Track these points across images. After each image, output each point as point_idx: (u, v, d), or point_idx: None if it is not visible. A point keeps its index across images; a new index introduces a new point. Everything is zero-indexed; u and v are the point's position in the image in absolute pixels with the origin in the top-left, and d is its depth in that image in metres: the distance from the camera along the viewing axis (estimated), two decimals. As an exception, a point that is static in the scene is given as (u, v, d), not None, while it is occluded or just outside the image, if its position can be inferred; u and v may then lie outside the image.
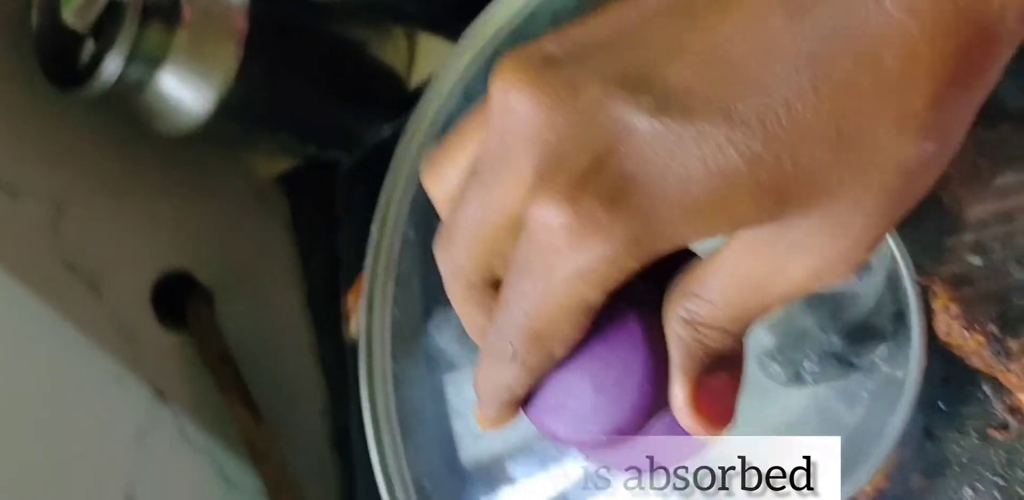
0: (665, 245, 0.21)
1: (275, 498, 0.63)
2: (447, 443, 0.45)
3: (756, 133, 0.19)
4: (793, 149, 0.20)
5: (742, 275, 0.22)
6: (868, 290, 0.32)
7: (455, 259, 0.24)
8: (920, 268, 0.31)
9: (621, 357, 0.25)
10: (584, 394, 0.25)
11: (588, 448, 0.27)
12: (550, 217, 0.20)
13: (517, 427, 0.32)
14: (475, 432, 0.45)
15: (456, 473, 0.45)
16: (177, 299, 0.64)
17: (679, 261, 0.24)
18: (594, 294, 0.22)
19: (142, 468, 0.59)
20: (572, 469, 0.41)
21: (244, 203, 0.70)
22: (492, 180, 0.22)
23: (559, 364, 0.25)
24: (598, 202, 0.20)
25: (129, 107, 0.55)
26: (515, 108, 0.21)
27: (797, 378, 0.34)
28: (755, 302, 0.22)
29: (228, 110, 0.54)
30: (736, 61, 0.20)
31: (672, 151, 0.20)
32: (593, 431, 0.26)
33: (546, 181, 0.21)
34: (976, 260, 0.29)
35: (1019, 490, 0.31)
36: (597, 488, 0.40)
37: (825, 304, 0.33)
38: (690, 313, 0.23)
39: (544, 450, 0.42)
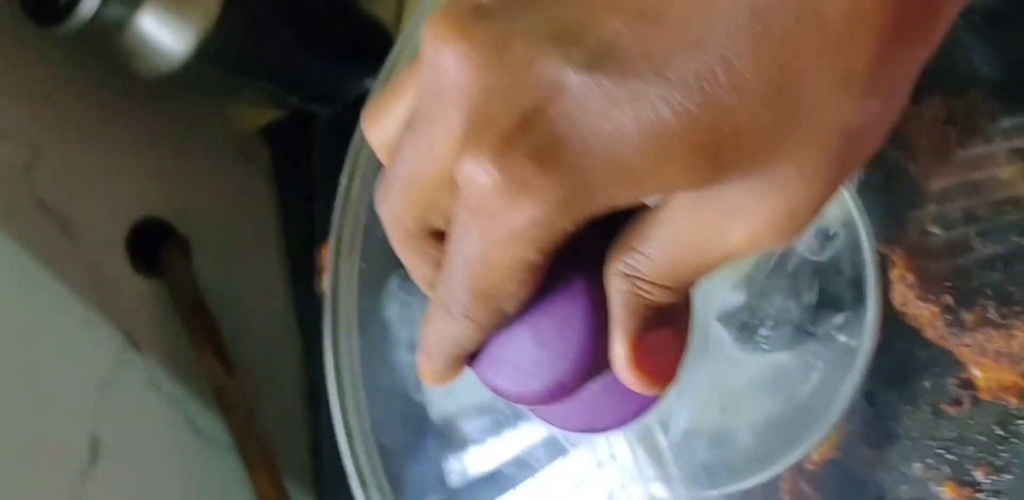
0: (598, 207, 0.20)
1: (242, 448, 0.64)
2: (412, 396, 0.45)
3: (692, 92, 0.18)
4: (730, 109, 0.19)
5: (681, 234, 0.21)
6: (828, 258, 0.32)
7: (392, 208, 0.24)
8: (881, 237, 0.30)
9: (563, 312, 0.24)
10: (525, 348, 0.25)
11: (531, 404, 0.27)
12: (477, 176, 0.20)
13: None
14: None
15: (418, 428, 0.45)
16: (153, 246, 0.64)
17: (631, 213, 0.24)
18: (532, 254, 0.21)
19: (109, 414, 0.59)
20: (531, 431, 0.41)
21: (226, 153, 0.69)
22: (424, 135, 0.21)
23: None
24: (526, 161, 0.19)
25: (109, 47, 0.54)
26: (443, 63, 0.20)
27: (752, 344, 0.34)
28: (694, 261, 0.22)
29: (208, 54, 0.53)
30: (673, 16, 0.19)
31: (604, 110, 0.19)
32: (534, 386, 0.25)
33: (472, 139, 0.20)
34: (937, 231, 0.29)
35: (969, 467, 0.31)
36: (552, 452, 0.40)
37: (784, 271, 0.32)
38: (629, 268, 0.22)
39: (506, 409, 0.42)
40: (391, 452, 0.45)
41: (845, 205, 0.30)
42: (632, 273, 0.22)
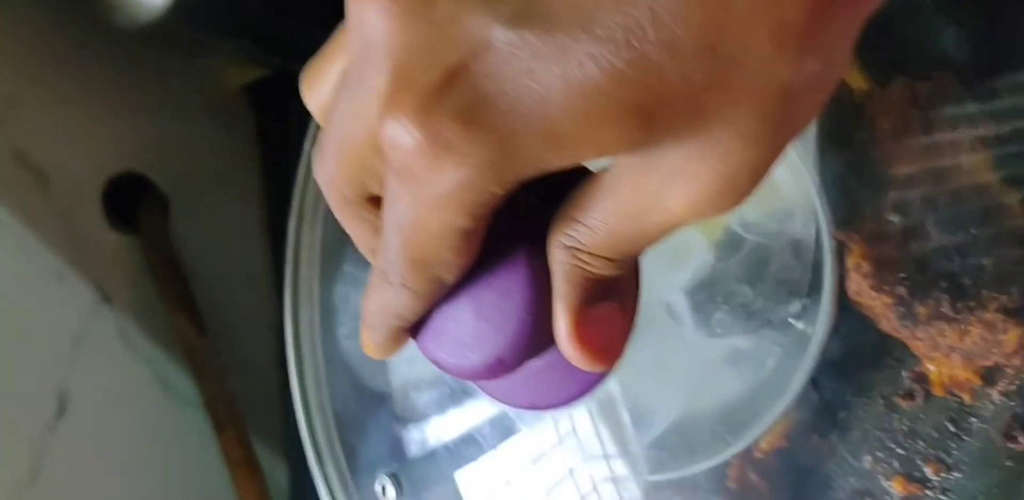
0: (527, 170, 0.20)
1: (211, 410, 0.63)
2: (370, 368, 0.45)
3: (619, 48, 0.18)
4: (660, 67, 0.18)
5: (621, 203, 0.21)
6: (786, 242, 0.31)
7: (327, 173, 0.23)
8: (839, 222, 0.29)
9: (504, 285, 0.24)
10: (465, 321, 0.25)
11: (470, 378, 0.27)
12: (400, 138, 0.19)
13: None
14: (406, 357, 0.44)
15: (376, 400, 0.44)
16: (131, 202, 0.63)
17: (578, 180, 0.23)
18: (463, 220, 0.21)
19: (79, 368, 0.59)
20: (491, 403, 0.40)
21: (208, 110, 0.68)
22: (353, 96, 0.21)
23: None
24: (449, 122, 0.19)
25: (86, -1, 0.53)
26: (368, 19, 0.20)
27: (707, 328, 0.33)
28: (636, 231, 0.21)
29: (186, 8, 0.52)
30: None
31: (530, 67, 0.18)
32: (473, 360, 0.25)
33: (395, 99, 0.19)
34: (896, 219, 0.28)
35: (919, 463, 0.30)
36: (512, 425, 0.39)
37: (743, 254, 0.32)
38: (571, 240, 0.22)
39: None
40: (348, 424, 0.45)
41: (805, 187, 0.30)
42: (574, 245, 0.22)
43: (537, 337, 0.24)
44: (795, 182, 0.30)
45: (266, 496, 0.63)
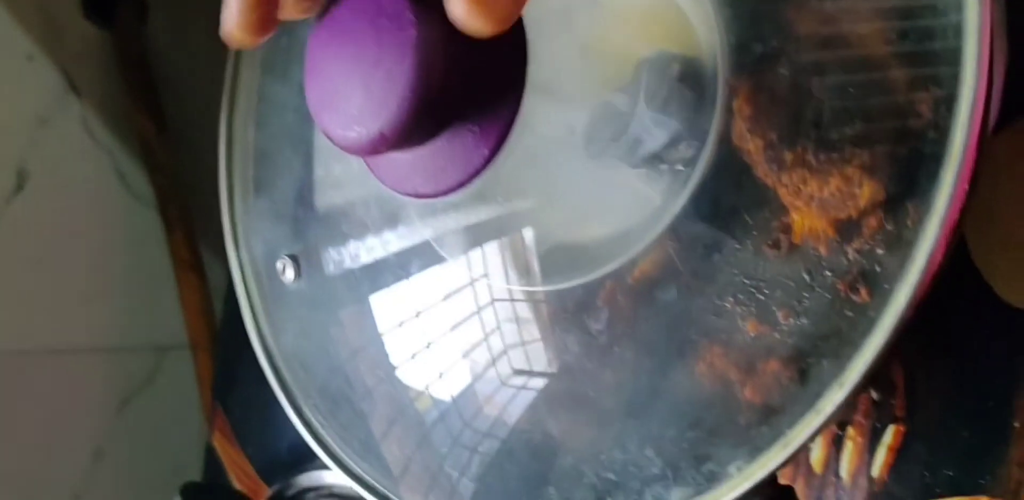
0: None
1: (163, 209, 0.66)
2: (303, 187, 0.46)
3: None
4: None
5: None
6: (687, 84, 0.32)
7: None
8: (735, 68, 0.31)
9: (391, 65, 0.26)
10: (354, 96, 0.27)
11: (356, 152, 0.29)
12: None
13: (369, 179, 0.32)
14: (332, 179, 0.45)
15: (302, 216, 0.46)
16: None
17: None
18: None
19: (41, 149, 0.60)
20: (410, 234, 0.42)
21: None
22: None
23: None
24: None
25: None
26: None
27: (603, 160, 0.35)
28: None
29: None
30: None
31: None
32: (360, 133, 0.27)
33: None
34: (785, 72, 0.30)
35: (774, 309, 0.32)
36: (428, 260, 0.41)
37: (645, 93, 0.33)
38: None
39: (391, 207, 0.42)
40: (267, 207, 0.46)
41: (713, 33, 0.31)
42: None
43: (418, 116, 0.26)
44: (705, 27, 0.31)
45: (207, 295, 0.66)
